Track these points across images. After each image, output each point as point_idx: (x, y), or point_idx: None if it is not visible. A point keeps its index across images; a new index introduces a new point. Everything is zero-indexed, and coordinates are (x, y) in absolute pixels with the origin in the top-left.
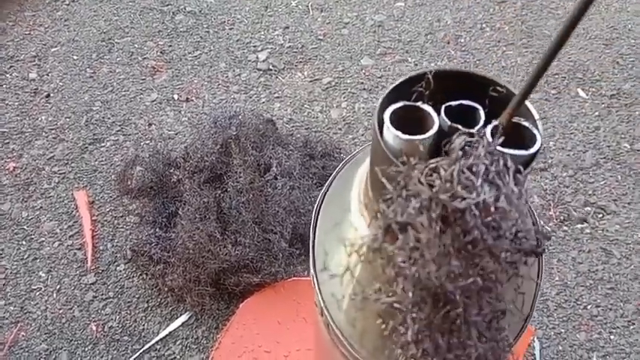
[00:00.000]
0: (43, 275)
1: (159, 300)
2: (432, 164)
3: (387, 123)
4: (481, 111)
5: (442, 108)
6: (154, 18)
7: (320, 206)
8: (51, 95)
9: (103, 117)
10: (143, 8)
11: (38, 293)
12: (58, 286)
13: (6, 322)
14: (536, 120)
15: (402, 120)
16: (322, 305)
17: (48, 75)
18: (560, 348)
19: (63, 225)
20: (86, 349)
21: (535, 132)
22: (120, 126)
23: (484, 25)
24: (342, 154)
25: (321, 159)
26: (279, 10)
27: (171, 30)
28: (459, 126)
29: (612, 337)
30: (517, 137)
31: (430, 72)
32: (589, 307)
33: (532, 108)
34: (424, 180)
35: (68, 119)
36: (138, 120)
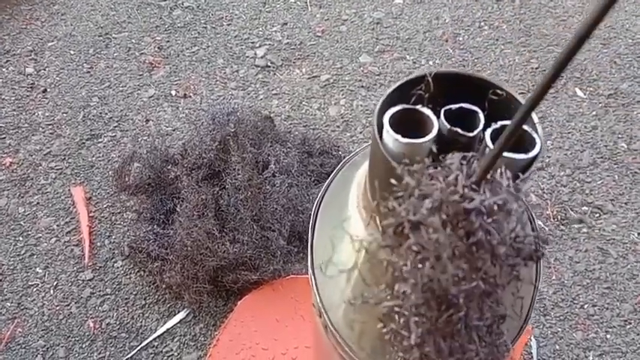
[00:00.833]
0: (40, 271)
1: (156, 297)
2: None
3: (387, 126)
4: (481, 114)
5: (442, 111)
6: (152, 13)
7: (318, 207)
8: (48, 90)
9: (100, 112)
10: (141, 3)
11: (35, 289)
12: (55, 283)
13: (3, 319)
14: (535, 124)
15: (401, 123)
16: (320, 306)
17: (45, 70)
18: (557, 347)
19: (60, 221)
20: (83, 346)
21: (535, 136)
22: (117, 122)
23: (482, 24)
24: (341, 152)
25: (320, 156)
26: (277, 7)
27: (168, 25)
28: (459, 130)
29: (609, 337)
30: (516, 141)
31: (430, 74)
32: (586, 307)
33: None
34: (441, 178)
35: (65, 114)
36: (135, 116)
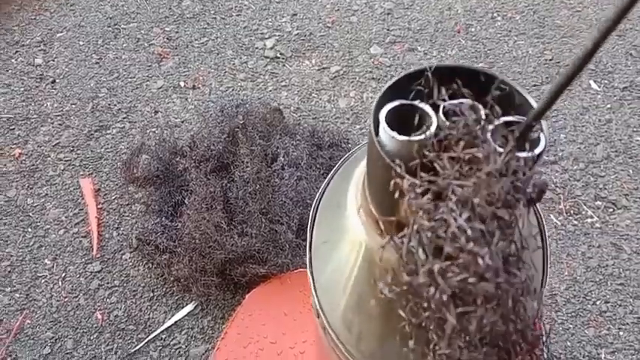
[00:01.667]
0: (49, 263)
1: (164, 289)
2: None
3: (383, 123)
4: (482, 111)
5: (441, 107)
6: (161, 3)
7: (317, 207)
8: (57, 81)
9: (109, 104)
10: None
11: (44, 281)
12: (64, 274)
13: (12, 310)
14: (540, 120)
15: (400, 119)
16: (318, 307)
17: (54, 60)
18: (568, 344)
19: (68, 212)
20: (91, 338)
21: (540, 133)
22: (126, 113)
23: (495, 15)
24: (350, 145)
25: (329, 149)
26: None
27: (177, 16)
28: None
29: (621, 334)
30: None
31: (430, 68)
32: (598, 303)
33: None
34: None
35: (74, 105)
36: (144, 107)
